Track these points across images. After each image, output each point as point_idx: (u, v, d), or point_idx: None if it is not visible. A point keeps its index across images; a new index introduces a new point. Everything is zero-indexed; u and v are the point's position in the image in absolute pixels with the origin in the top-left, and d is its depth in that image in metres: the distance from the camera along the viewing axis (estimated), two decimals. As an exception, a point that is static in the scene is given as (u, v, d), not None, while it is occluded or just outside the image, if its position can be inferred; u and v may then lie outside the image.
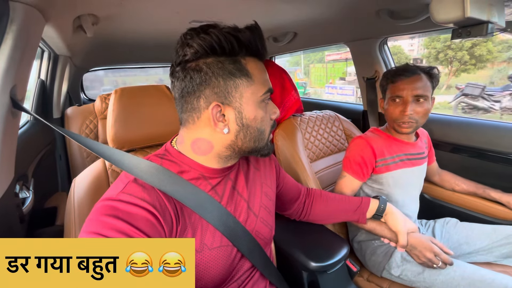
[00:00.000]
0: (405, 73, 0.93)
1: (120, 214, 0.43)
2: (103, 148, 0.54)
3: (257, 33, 0.51)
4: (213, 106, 0.49)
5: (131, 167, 0.50)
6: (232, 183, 0.60)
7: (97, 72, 3.34)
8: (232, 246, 0.55)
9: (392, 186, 0.99)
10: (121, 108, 0.77)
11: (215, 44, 0.47)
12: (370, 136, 1.01)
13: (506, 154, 1.12)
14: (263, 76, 0.53)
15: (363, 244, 1.03)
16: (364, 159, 0.96)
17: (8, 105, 0.59)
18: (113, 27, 1.15)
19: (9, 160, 0.64)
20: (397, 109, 0.94)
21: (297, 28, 1.42)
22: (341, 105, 2.05)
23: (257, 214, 0.62)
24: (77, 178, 0.72)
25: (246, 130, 0.52)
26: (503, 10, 0.74)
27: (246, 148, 0.54)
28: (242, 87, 0.50)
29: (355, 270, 0.89)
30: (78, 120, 1.72)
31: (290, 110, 1.33)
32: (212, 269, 0.51)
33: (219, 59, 0.49)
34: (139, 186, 0.47)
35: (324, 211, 0.86)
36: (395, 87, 0.95)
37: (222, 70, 0.49)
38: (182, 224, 0.49)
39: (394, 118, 0.95)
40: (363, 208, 0.83)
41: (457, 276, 0.79)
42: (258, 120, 0.52)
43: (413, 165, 1.01)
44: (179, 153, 0.55)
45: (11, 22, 0.58)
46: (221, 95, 0.49)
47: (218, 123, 0.50)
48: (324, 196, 0.87)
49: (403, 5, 1.01)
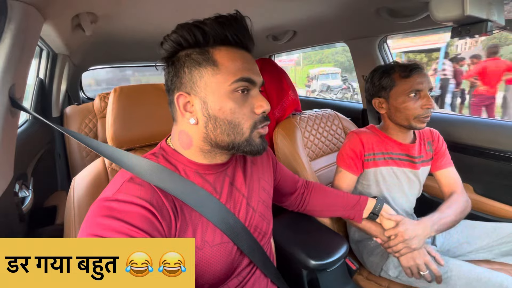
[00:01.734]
0: (416, 66, 0.91)
1: (117, 214, 0.42)
2: (103, 146, 0.54)
3: (228, 23, 0.50)
4: (177, 96, 0.51)
5: (131, 165, 0.50)
6: (230, 179, 0.60)
7: (125, 72, 3.35)
8: (232, 243, 0.55)
9: (380, 183, 0.99)
10: (120, 107, 0.77)
11: (180, 38, 0.50)
12: (362, 131, 1.02)
13: (505, 152, 1.12)
14: (235, 65, 0.50)
15: (359, 244, 1.03)
16: (355, 152, 0.97)
17: (7, 104, 0.58)
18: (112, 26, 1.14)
19: (8, 159, 0.64)
20: (417, 103, 0.90)
21: (297, 27, 1.41)
22: (341, 104, 2.05)
23: (256, 209, 0.62)
24: (76, 177, 0.72)
25: (214, 121, 0.51)
26: (502, 9, 0.74)
27: (221, 142, 0.52)
28: (207, 76, 0.50)
29: (355, 268, 0.89)
30: (77, 119, 1.72)
31: (287, 109, 1.33)
32: (213, 265, 0.52)
33: (187, 51, 0.51)
34: (135, 184, 0.47)
35: (321, 204, 0.87)
36: (411, 81, 0.90)
37: (189, 61, 0.50)
38: (182, 221, 0.49)
39: (417, 114, 0.90)
40: (360, 206, 0.83)
41: (454, 276, 0.78)
42: (226, 111, 0.50)
43: (405, 166, 0.99)
44: (173, 151, 0.56)
45: (9, 21, 0.58)
46: (187, 85, 0.51)
47: (185, 113, 0.52)
48: (323, 189, 0.88)
49: (403, 4, 1.01)
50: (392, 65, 0.96)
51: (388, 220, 0.82)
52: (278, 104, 1.35)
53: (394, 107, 0.94)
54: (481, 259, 0.95)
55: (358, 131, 1.02)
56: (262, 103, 0.53)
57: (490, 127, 1.20)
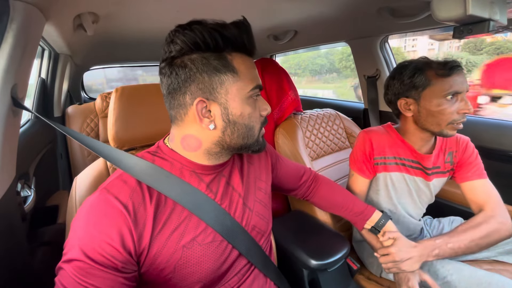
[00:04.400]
0: (457, 64, 0.78)
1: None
2: (102, 146, 0.54)
3: (244, 28, 0.50)
4: (197, 102, 0.49)
5: (129, 166, 0.50)
6: (226, 179, 0.60)
7: (135, 72, 3.36)
8: (226, 242, 0.55)
9: (390, 189, 0.94)
10: (122, 107, 0.77)
11: (199, 40, 0.47)
12: (373, 131, 0.94)
13: (507, 152, 1.11)
14: (251, 72, 0.52)
15: (361, 244, 1.03)
16: (365, 154, 0.92)
17: (9, 104, 0.59)
18: (114, 26, 1.15)
19: (10, 159, 0.64)
20: (454, 107, 0.78)
21: (298, 27, 1.41)
22: (342, 104, 2.05)
23: (252, 209, 0.62)
24: (78, 176, 0.72)
25: (233, 126, 0.52)
26: (505, 8, 0.74)
27: (235, 145, 0.54)
28: (228, 83, 0.49)
29: (356, 268, 0.89)
30: (79, 119, 1.73)
31: (286, 110, 1.32)
32: (204, 263, 0.51)
33: (203, 55, 0.49)
34: (118, 184, 0.48)
35: (327, 200, 0.87)
36: (450, 81, 0.77)
37: (207, 66, 0.48)
38: (168, 224, 0.49)
39: (452, 119, 0.78)
40: (364, 216, 0.82)
41: (454, 280, 0.77)
42: (245, 116, 0.52)
43: (417, 175, 0.91)
44: (171, 150, 0.55)
45: (11, 21, 0.58)
46: (206, 91, 0.49)
47: (204, 119, 0.50)
48: (332, 187, 0.87)
49: (404, 3, 1.00)
50: (427, 61, 0.82)
51: (386, 237, 0.78)
52: (277, 105, 1.34)
53: (426, 110, 0.81)
54: (483, 258, 0.94)
55: (369, 130, 0.94)
56: (266, 106, 0.56)
57: (491, 127, 1.20)
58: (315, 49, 3.08)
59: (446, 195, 1.21)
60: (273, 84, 1.35)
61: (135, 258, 0.45)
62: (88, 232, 0.43)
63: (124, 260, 0.44)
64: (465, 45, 5.71)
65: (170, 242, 0.48)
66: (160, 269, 0.48)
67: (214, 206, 0.54)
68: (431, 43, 7.91)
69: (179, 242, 0.49)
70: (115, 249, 0.43)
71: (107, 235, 0.43)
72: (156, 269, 0.48)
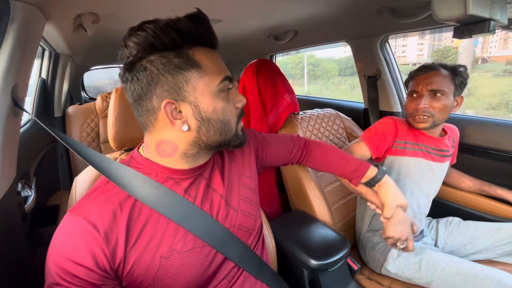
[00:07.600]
0: (424, 69, 0.96)
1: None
2: (91, 154, 0.52)
3: (200, 20, 0.48)
4: (165, 104, 0.47)
5: (116, 176, 0.49)
6: (206, 181, 0.57)
7: None
8: (210, 247, 0.53)
9: (404, 174, 0.98)
10: (122, 107, 0.77)
11: (153, 39, 0.45)
12: (400, 119, 1.03)
13: (508, 153, 1.11)
14: (216, 65, 0.50)
15: (363, 240, 1.04)
16: (386, 135, 0.98)
17: (10, 104, 0.59)
18: (114, 26, 1.15)
19: (10, 159, 0.64)
20: (413, 103, 0.96)
21: (298, 27, 1.41)
22: (342, 103, 2.04)
23: (237, 208, 0.60)
24: (78, 176, 0.72)
25: (207, 123, 0.50)
26: (505, 8, 0.74)
27: (212, 143, 0.52)
28: (193, 79, 0.47)
29: (356, 268, 0.89)
30: (79, 119, 1.73)
31: (282, 115, 1.27)
32: (185, 272, 0.49)
33: (162, 54, 0.46)
34: (92, 198, 0.48)
35: (321, 161, 0.85)
36: (413, 82, 0.97)
37: (168, 65, 0.46)
38: (143, 235, 0.48)
39: (410, 112, 0.97)
40: (359, 172, 0.79)
41: (452, 272, 0.80)
42: (218, 111, 0.50)
43: (433, 159, 1.00)
44: (145, 159, 0.53)
45: (11, 21, 0.58)
46: (172, 91, 0.47)
47: (175, 121, 0.48)
48: (324, 147, 0.85)
49: (405, 3, 1.00)
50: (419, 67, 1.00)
51: (384, 189, 0.77)
52: (272, 109, 1.28)
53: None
54: (484, 259, 0.94)
55: (397, 117, 1.04)
56: (240, 97, 0.54)
57: (492, 127, 1.19)
58: (315, 49, 3.08)
59: (443, 194, 1.21)
60: (268, 87, 1.29)
61: (112, 274, 0.45)
62: (60, 257, 0.43)
63: (102, 278, 0.43)
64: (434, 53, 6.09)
65: (146, 253, 0.47)
66: (138, 281, 0.47)
67: (204, 217, 0.53)
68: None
69: (156, 252, 0.48)
70: (90, 270, 0.42)
71: (80, 258, 0.42)
72: (135, 281, 0.47)
